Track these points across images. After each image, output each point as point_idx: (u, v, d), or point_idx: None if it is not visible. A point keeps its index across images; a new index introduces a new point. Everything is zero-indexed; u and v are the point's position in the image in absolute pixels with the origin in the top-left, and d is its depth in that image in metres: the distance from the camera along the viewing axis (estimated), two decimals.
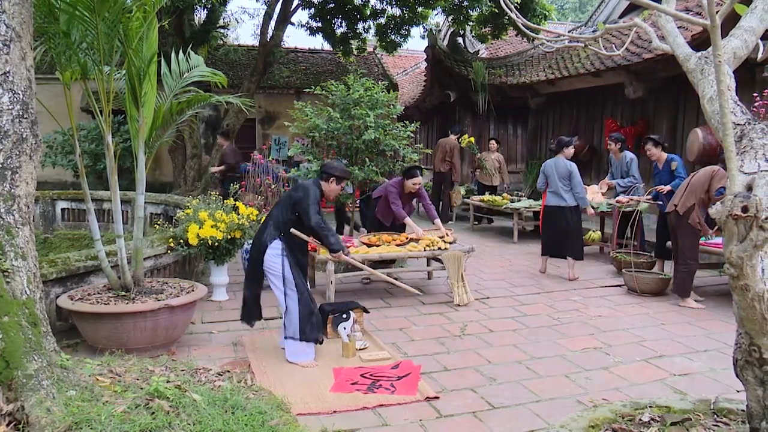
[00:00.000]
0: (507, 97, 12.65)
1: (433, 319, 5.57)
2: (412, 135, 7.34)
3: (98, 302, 4.53)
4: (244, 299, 4.69)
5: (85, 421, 2.70)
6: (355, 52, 14.44)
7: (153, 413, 2.91)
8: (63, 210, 10.16)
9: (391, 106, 7.42)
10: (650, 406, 2.72)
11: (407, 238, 6.44)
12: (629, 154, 8.07)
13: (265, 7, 11.34)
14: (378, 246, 6.18)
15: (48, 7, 4.09)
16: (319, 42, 31.99)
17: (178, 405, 3.05)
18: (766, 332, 2.07)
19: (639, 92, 9.08)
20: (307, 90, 8.68)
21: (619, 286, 6.87)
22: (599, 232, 8.32)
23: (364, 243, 6.31)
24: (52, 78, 6.16)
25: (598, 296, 6.45)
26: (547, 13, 11.29)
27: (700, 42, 7.83)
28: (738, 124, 2.76)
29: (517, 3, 10.57)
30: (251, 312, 4.69)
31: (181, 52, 5.69)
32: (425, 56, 13.75)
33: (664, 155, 7.25)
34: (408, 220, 6.57)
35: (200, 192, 10.99)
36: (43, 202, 10.03)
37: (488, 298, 6.32)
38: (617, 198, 7.91)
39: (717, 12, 1.90)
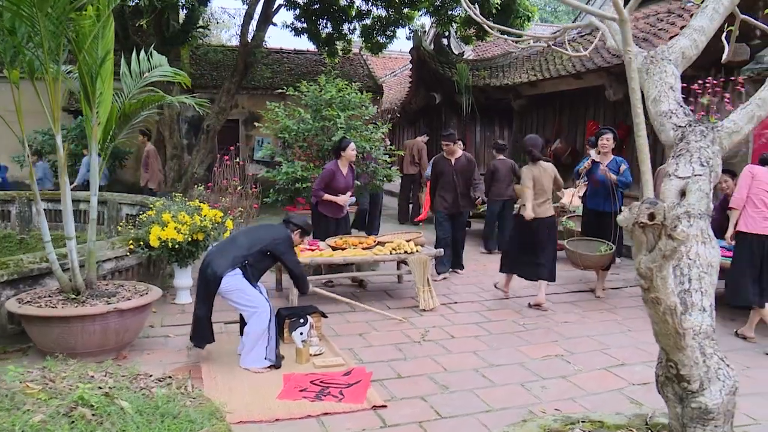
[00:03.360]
0: (491, 98, 12.57)
1: (395, 324, 5.47)
2: (384, 135, 7.26)
3: (47, 305, 4.44)
4: (196, 320, 4.44)
5: None
6: (341, 53, 14.36)
7: (73, 422, 2.81)
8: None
9: (364, 107, 7.33)
10: (582, 421, 2.63)
11: (375, 242, 6.35)
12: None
13: (246, 8, 11.24)
14: (344, 249, 6.08)
15: None
16: (304, 43, 31.83)
17: (102, 413, 2.95)
18: (680, 348, 1.98)
19: (619, 94, 9.00)
20: (279, 91, 8.58)
21: (591, 291, 6.78)
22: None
23: (330, 246, 6.21)
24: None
25: (567, 302, 6.37)
26: (530, 15, 11.21)
27: None
28: (679, 126, 2.67)
29: (497, 4, 10.50)
30: (204, 334, 4.46)
31: (143, 51, 5.62)
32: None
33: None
34: (328, 195, 6.40)
35: (180, 193, 10.90)
36: (20, 203, 9.92)
37: (455, 303, 6.23)
38: None
39: (625, 6, 1.81)
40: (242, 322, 4.71)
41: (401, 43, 54.95)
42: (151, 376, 3.80)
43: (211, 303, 4.44)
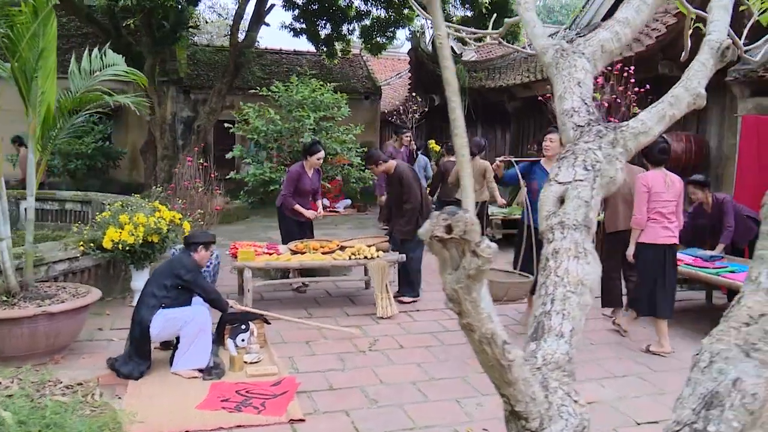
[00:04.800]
0: (488, 101, 12.32)
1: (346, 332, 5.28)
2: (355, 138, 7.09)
3: None
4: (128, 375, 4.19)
5: None
6: (340, 54, 14.24)
7: None
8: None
9: (337, 108, 7.17)
10: None
11: (338, 245, 6.18)
12: None
13: (236, 7, 11.18)
14: (303, 253, 5.92)
15: None
16: (304, 44, 31.54)
17: None
18: (508, 382, 1.72)
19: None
20: (253, 91, 8.47)
21: None
22: None
23: (291, 250, 6.06)
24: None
25: None
26: None
27: (666, 44, 7.47)
28: (579, 126, 2.45)
29: (486, 4, 10.25)
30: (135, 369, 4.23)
31: (96, 49, 5.54)
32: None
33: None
34: (298, 207, 6.30)
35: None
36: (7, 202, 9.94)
37: (417, 311, 6.01)
38: None
39: None
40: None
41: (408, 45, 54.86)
42: (61, 382, 3.70)
43: (149, 358, 4.31)
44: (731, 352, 1.64)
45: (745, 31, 3.37)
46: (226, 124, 7.71)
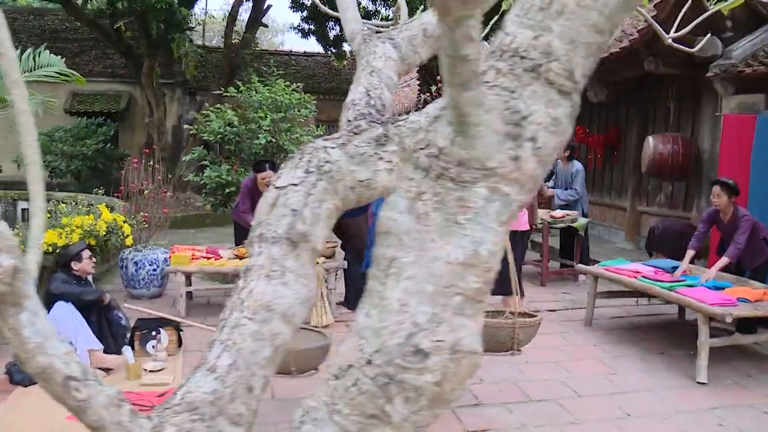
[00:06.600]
0: None
1: None
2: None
3: None
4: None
5: None
6: (349, 55, 14.09)
7: None
8: (24, 210, 10.33)
9: (300, 109, 6.99)
10: None
11: None
12: (577, 164, 7.27)
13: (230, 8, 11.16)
14: (242, 259, 5.75)
15: None
16: (314, 45, 31.41)
17: None
18: (90, 426, 1.38)
19: (601, 96, 8.19)
20: (216, 92, 8.38)
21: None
22: None
23: (236, 255, 5.91)
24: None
25: None
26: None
27: (650, 38, 6.94)
28: (349, 121, 2.14)
29: None
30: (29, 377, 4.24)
31: (30, 49, 5.54)
32: None
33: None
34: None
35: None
36: (5, 202, 10.24)
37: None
38: (551, 213, 7.11)
39: None
40: None
41: None
42: None
43: None
44: (319, 412, 1.32)
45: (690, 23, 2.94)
46: (186, 126, 7.64)
